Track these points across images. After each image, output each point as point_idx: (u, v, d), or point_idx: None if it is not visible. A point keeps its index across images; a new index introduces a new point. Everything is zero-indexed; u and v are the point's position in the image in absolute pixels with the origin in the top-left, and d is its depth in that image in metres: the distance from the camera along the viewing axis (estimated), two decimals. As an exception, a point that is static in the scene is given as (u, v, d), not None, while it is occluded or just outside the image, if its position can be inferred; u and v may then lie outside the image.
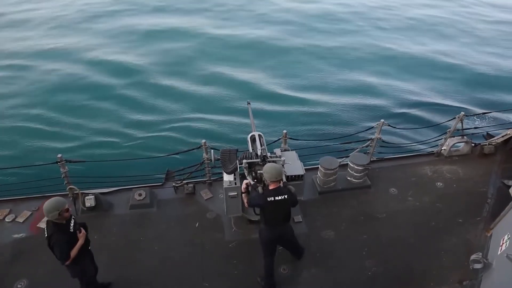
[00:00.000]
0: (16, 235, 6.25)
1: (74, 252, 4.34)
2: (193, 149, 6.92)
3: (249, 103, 7.02)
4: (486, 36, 20.88)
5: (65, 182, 6.56)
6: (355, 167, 7.00)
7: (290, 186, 4.89)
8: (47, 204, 4.21)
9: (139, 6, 24.23)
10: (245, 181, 5.16)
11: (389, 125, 7.49)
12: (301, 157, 6.31)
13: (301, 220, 6.47)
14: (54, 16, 22.80)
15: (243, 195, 5.14)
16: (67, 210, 4.29)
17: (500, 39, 20.54)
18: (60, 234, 4.24)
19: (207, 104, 13.88)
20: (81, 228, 4.51)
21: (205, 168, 7.10)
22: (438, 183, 7.32)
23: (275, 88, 14.92)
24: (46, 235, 4.28)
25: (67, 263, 4.33)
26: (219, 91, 14.70)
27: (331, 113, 13.29)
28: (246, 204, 5.07)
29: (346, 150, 8.01)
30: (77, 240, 4.40)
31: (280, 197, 4.66)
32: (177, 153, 7.04)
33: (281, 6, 24.47)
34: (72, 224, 4.42)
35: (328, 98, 14.31)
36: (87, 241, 4.66)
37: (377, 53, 18.44)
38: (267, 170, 4.68)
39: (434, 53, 18.35)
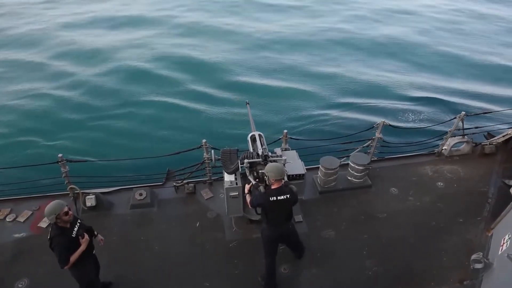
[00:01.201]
0: (16, 235, 6.26)
1: (74, 257, 4.30)
2: (194, 148, 6.91)
3: (248, 103, 7.01)
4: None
5: (66, 181, 6.57)
6: (356, 166, 6.99)
7: (292, 186, 4.89)
8: (47, 206, 4.20)
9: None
10: (247, 183, 5.18)
11: (389, 125, 7.49)
12: (302, 157, 6.29)
13: (301, 219, 6.47)
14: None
15: (246, 195, 5.14)
16: (66, 213, 4.22)
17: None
18: (61, 238, 4.21)
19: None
20: (84, 234, 4.44)
21: (206, 167, 7.10)
22: (439, 183, 7.31)
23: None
24: (49, 236, 4.27)
25: (66, 267, 4.30)
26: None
27: (330, 113, 13.32)
28: (248, 205, 5.08)
29: (347, 150, 8.00)
30: (79, 245, 4.35)
31: (282, 197, 4.67)
32: (177, 153, 7.03)
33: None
34: (75, 229, 4.38)
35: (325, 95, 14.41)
36: (91, 246, 4.62)
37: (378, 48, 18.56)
38: (271, 170, 4.68)
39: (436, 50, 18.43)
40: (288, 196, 4.70)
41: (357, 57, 17.62)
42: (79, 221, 4.54)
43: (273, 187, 4.72)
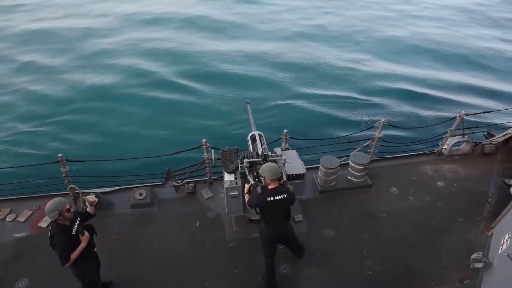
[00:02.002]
0: (17, 235, 6.26)
1: (75, 254, 4.30)
2: (194, 148, 6.92)
3: (248, 103, 7.01)
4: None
5: (66, 181, 6.57)
6: (356, 166, 6.99)
7: (289, 185, 4.89)
8: (48, 204, 4.20)
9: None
10: (247, 183, 5.17)
11: (390, 124, 7.48)
12: (302, 156, 6.30)
13: (301, 219, 6.47)
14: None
15: (245, 195, 5.14)
16: (68, 210, 4.25)
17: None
18: (62, 235, 4.21)
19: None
20: (84, 231, 4.45)
21: (206, 167, 7.10)
22: (439, 182, 7.31)
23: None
24: (49, 234, 4.28)
25: (67, 265, 4.31)
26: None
27: (331, 111, 13.36)
28: (247, 205, 5.08)
29: (347, 149, 8.01)
30: (79, 242, 4.36)
31: (279, 196, 4.67)
32: (177, 152, 7.04)
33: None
34: (75, 227, 4.38)
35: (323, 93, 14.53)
36: (91, 244, 4.62)
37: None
38: (266, 170, 4.68)
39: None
40: (285, 195, 4.70)
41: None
42: (79, 219, 4.54)
43: (270, 187, 4.72)
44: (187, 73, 15.96)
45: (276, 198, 4.65)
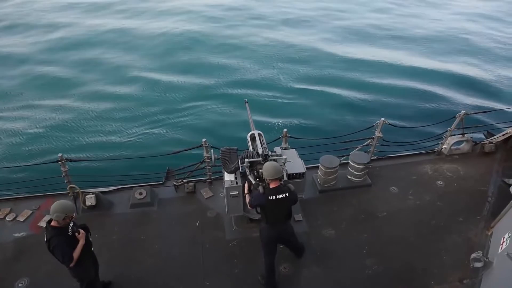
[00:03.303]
0: (17, 234, 6.25)
1: (76, 253, 4.31)
2: (194, 148, 6.92)
3: (247, 102, 6.99)
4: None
5: (66, 181, 6.57)
6: (356, 165, 6.99)
7: (290, 185, 4.89)
8: (57, 204, 4.19)
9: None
10: (247, 183, 5.17)
11: (389, 124, 7.48)
12: (302, 156, 6.29)
13: (301, 218, 6.47)
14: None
15: (246, 195, 5.14)
16: (71, 217, 4.29)
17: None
18: (60, 237, 4.21)
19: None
20: (79, 230, 4.44)
21: (206, 167, 7.10)
22: (439, 182, 7.32)
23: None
24: (45, 239, 4.26)
25: (72, 264, 4.30)
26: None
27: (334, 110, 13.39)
28: (248, 205, 5.07)
29: (347, 148, 8.00)
30: (77, 242, 4.36)
31: (281, 195, 4.68)
32: (177, 152, 7.04)
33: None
34: (70, 228, 4.38)
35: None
36: (88, 244, 4.61)
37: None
38: (264, 169, 4.70)
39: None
40: (287, 194, 4.71)
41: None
42: (73, 219, 4.52)
43: (271, 186, 4.73)
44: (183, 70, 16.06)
45: (277, 197, 4.66)
